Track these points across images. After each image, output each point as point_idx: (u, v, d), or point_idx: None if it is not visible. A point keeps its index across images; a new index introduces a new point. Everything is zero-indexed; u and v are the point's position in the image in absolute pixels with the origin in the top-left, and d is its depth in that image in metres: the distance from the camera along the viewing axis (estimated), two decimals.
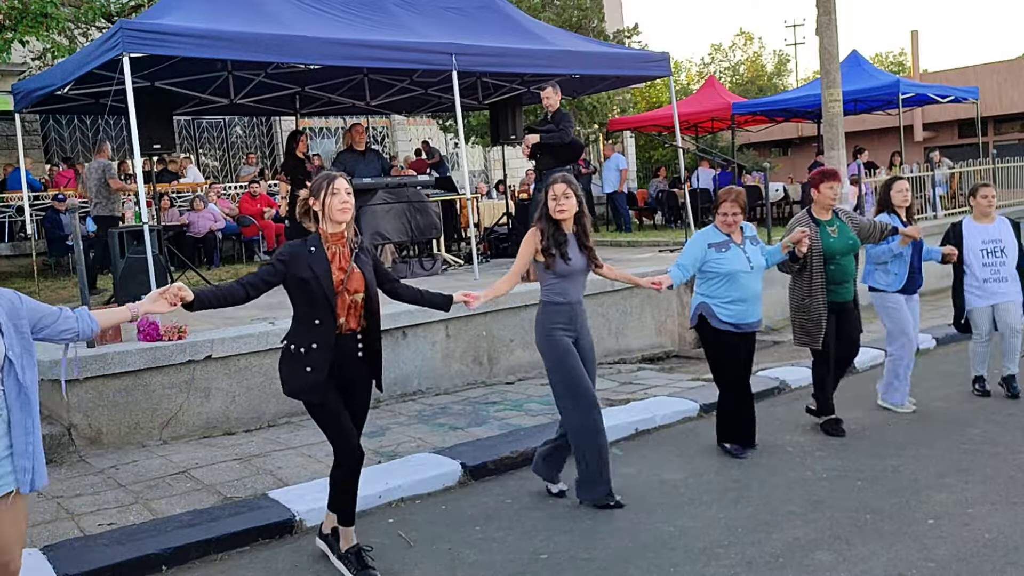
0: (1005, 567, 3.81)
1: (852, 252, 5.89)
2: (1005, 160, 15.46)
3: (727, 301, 5.42)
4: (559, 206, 4.65)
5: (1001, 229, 6.68)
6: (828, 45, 10.20)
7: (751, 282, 5.44)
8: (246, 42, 7.62)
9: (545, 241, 4.65)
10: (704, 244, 5.50)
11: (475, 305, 4.43)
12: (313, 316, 3.88)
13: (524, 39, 9.70)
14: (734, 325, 5.43)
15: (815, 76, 22.58)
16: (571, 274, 4.68)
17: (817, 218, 5.90)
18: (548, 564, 4.12)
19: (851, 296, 5.91)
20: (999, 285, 6.60)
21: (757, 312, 5.53)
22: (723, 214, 5.49)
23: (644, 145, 26.40)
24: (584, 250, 4.73)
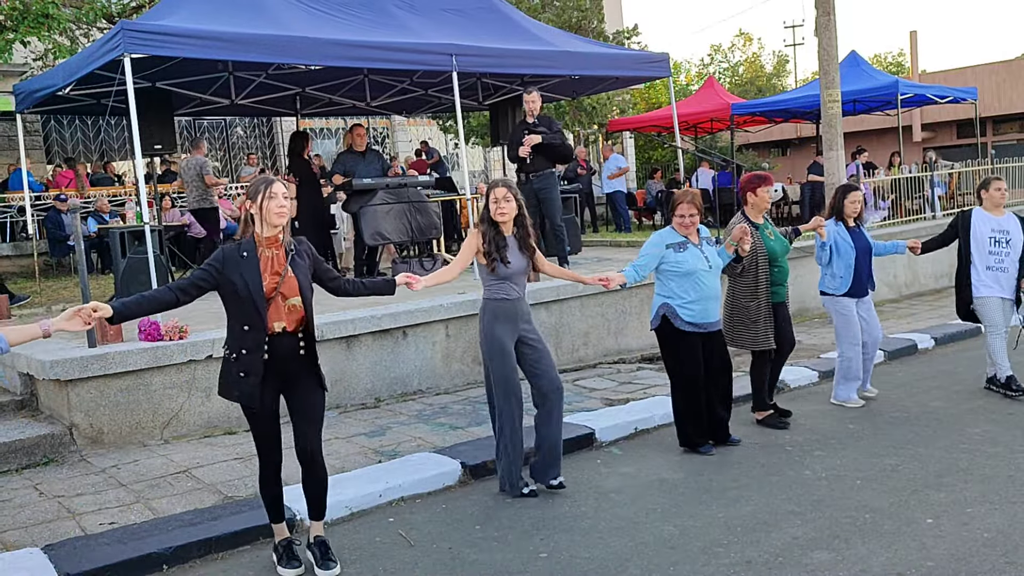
0: (1004, 567, 3.82)
1: (787, 254, 6.17)
2: (1004, 160, 15.47)
3: (689, 301, 5.50)
4: (499, 209, 4.81)
5: (1010, 222, 6.78)
6: (827, 46, 10.22)
7: (711, 281, 5.55)
8: (247, 43, 7.63)
9: (486, 245, 4.84)
10: (662, 245, 5.57)
11: (418, 287, 4.44)
12: (243, 321, 3.89)
13: (524, 40, 9.71)
14: (697, 325, 5.52)
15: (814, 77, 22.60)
16: (511, 275, 4.85)
17: (754, 222, 6.06)
18: (548, 564, 4.14)
19: (785, 296, 6.17)
20: (1000, 276, 6.66)
21: (716, 311, 5.63)
22: (680, 215, 5.55)
23: (644, 146, 26.41)
24: (525, 251, 4.91)
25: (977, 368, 7.55)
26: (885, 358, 7.98)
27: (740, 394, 7.00)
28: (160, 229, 9.18)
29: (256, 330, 3.88)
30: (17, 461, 5.68)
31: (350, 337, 6.98)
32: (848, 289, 6.47)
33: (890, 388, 6.99)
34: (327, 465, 4.22)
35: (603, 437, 6.02)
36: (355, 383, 7.04)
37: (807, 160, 19.33)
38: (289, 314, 3.94)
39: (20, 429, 5.95)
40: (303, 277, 4.00)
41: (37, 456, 5.76)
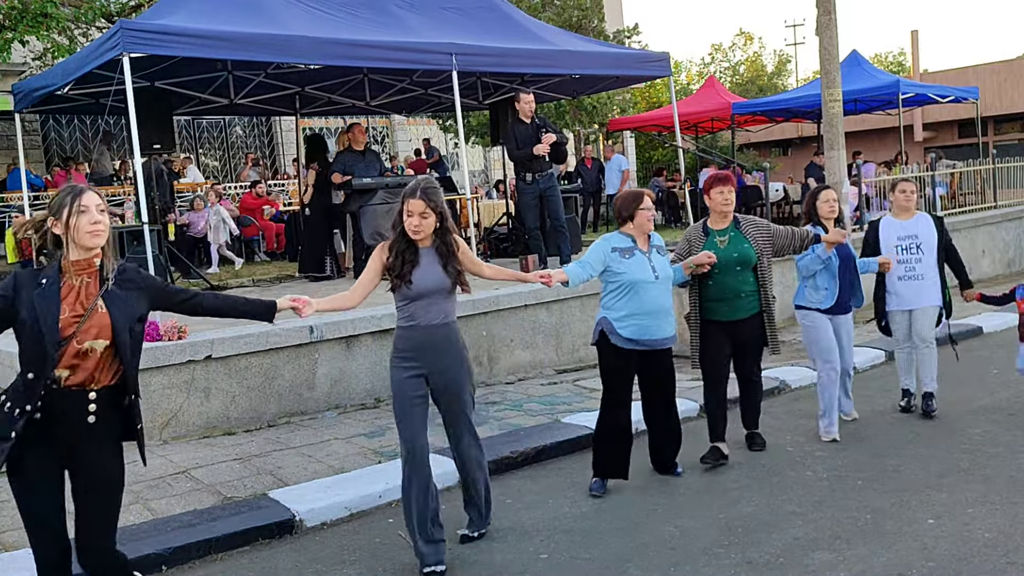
0: (1005, 567, 3.80)
1: (740, 266, 5.31)
2: (1005, 160, 15.45)
3: (628, 314, 4.89)
4: (413, 227, 4.03)
5: (919, 224, 6.23)
6: (828, 45, 10.20)
7: (657, 294, 4.91)
8: (246, 42, 7.62)
9: (392, 259, 4.08)
10: (608, 247, 4.98)
11: (307, 314, 3.78)
12: (28, 366, 3.03)
13: (524, 39, 9.70)
14: (636, 342, 4.90)
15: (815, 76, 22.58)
16: (421, 296, 4.06)
17: (710, 227, 5.45)
18: (548, 564, 4.12)
19: (745, 314, 5.36)
20: (914, 284, 6.14)
21: (667, 328, 4.98)
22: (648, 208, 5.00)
23: (644, 145, 26.41)
24: (447, 267, 4.08)
25: (978, 368, 7.54)
26: (886, 358, 7.96)
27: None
28: (159, 229, 9.16)
29: (37, 379, 3.01)
30: None
31: (350, 337, 6.97)
32: (833, 303, 5.83)
33: (891, 388, 6.97)
34: (327, 466, 4.20)
35: None
36: (355, 383, 7.03)
37: (808, 159, 19.32)
38: (90, 361, 3.05)
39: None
40: (120, 313, 3.09)
41: None
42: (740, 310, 5.35)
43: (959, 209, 14.20)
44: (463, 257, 4.18)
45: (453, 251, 4.12)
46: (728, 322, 5.36)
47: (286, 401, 6.68)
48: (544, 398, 7.09)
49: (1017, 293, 6.13)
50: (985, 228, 13.35)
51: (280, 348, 6.61)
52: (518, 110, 9.20)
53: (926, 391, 6.23)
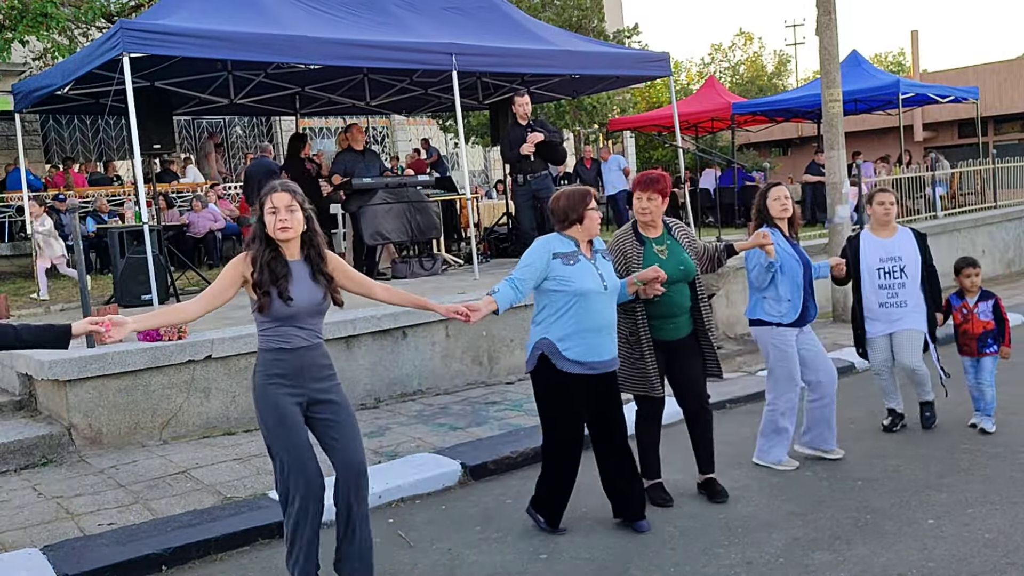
0: (1005, 567, 3.80)
1: (685, 279, 4.66)
2: (1005, 160, 15.45)
3: (573, 332, 4.18)
4: (280, 222, 3.51)
5: (902, 244, 5.70)
6: (828, 45, 10.19)
7: (605, 307, 4.25)
8: (246, 42, 7.62)
9: (258, 273, 3.53)
10: (548, 253, 4.24)
11: (115, 337, 3.32)
12: None
13: (524, 39, 9.70)
14: (584, 364, 4.20)
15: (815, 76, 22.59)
16: (294, 315, 3.57)
17: (643, 234, 4.70)
18: (548, 564, 4.12)
19: (683, 334, 4.69)
20: (897, 311, 5.68)
21: (613, 346, 4.31)
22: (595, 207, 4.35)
23: (644, 145, 26.41)
24: (321, 279, 3.63)
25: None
26: None
27: (737, 396, 6.99)
28: (159, 229, 9.17)
29: None
30: (16, 462, 5.67)
31: (350, 337, 6.96)
32: (797, 316, 5.13)
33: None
34: (328, 466, 4.19)
35: None
36: (355, 383, 7.03)
37: (808, 159, 19.33)
38: None
39: (18, 429, 5.93)
40: None
41: (36, 457, 5.74)
42: (682, 328, 4.69)
43: (959, 209, 14.20)
44: (338, 273, 3.72)
45: (323, 257, 3.66)
46: (670, 342, 4.67)
47: None
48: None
49: (951, 303, 5.95)
50: (985, 228, 13.35)
51: None
52: (514, 113, 9.23)
53: (924, 400, 5.96)
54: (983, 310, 5.85)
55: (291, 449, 3.60)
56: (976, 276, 5.88)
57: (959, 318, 5.90)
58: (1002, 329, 5.85)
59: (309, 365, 3.63)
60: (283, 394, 3.59)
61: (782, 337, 5.14)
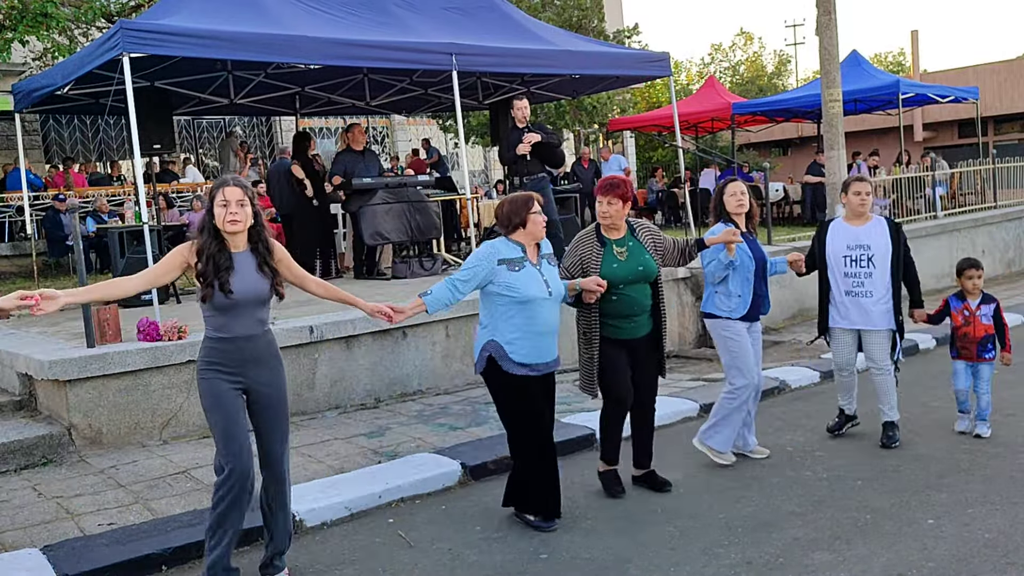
0: (1005, 567, 3.80)
1: (644, 280, 4.79)
2: (1005, 160, 15.45)
3: (520, 336, 4.33)
4: (230, 215, 3.61)
5: (873, 233, 5.54)
6: (828, 45, 10.20)
7: (550, 311, 4.42)
8: (246, 42, 7.62)
9: (203, 264, 3.64)
10: (493, 259, 4.34)
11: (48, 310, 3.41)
12: None
13: (524, 39, 9.70)
14: (530, 366, 4.37)
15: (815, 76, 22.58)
16: (236, 306, 3.68)
17: (605, 236, 4.82)
18: (548, 564, 4.12)
19: (644, 333, 4.85)
20: (863, 302, 5.51)
21: (555, 348, 4.50)
22: (540, 213, 4.43)
23: (644, 145, 26.41)
24: (265, 270, 3.74)
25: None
26: None
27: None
28: (159, 229, 9.17)
29: None
30: (16, 462, 5.67)
31: (350, 337, 6.96)
32: (746, 311, 5.24)
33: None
34: (327, 466, 4.20)
35: None
36: (355, 383, 7.03)
37: (808, 159, 19.34)
38: None
39: (18, 429, 5.93)
40: None
41: (36, 456, 5.74)
42: (642, 327, 4.83)
43: (959, 209, 14.19)
44: (282, 265, 3.83)
45: (270, 250, 3.77)
46: (629, 340, 4.82)
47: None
48: None
49: (950, 304, 5.78)
50: (985, 228, 13.36)
51: (280, 348, 6.59)
52: (513, 116, 9.23)
53: (886, 420, 5.65)
54: (986, 313, 5.69)
55: (224, 432, 3.71)
56: (979, 278, 5.72)
57: (959, 320, 5.74)
58: (1002, 334, 5.72)
59: (251, 355, 3.75)
60: (221, 380, 3.71)
61: (732, 330, 5.27)
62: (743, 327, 5.27)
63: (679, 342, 9.16)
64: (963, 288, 5.76)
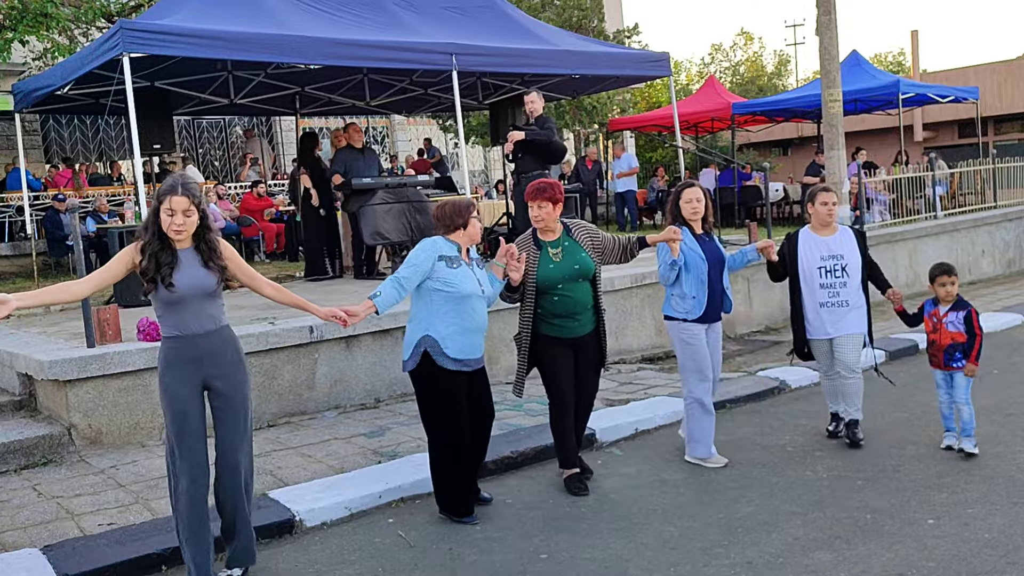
0: (1005, 567, 3.80)
1: (581, 278, 4.87)
2: (1005, 160, 15.45)
3: (456, 331, 4.45)
4: (175, 225, 3.66)
5: (843, 242, 5.54)
6: (828, 45, 10.21)
7: (482, 309, 4.60)
8: (246, 42, 7.62)
9: (145, 262, 3.68)
10: (433, 255, 4.49)
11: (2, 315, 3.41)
12: None
13: (524, 39, 9.71)
14: (463, 362, 4.50)
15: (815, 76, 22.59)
16: (183, 300, 3.70)
17: (541, 239, 4.94)
18: (548, 564, 4.12)
19: (587, 330, 4.96)
20: (839, 311, 5.49)
21: (483, 346, 4.67)
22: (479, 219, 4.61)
23: (644, 145, 26.41)
24: (213, 265, 3.77)
25: (980, 369, 7.52)
26: (887, 358, 7.96)
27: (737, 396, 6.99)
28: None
29: None
30: (16, 462, 5.67)
31: (350, 337, 6.96)
32: (702, 313, 5.24)
33: (891, 389, 6.97)
34: (327, 466, 4.20)
35: (604, 438, 6.01)
36: (355, 383, 7.03)
37: (808, 159, 19.34)
38: None
39: (19, 430, 5.93)
40: None
41: (36, 457, 5.74)
42: (586, 325, 4.95)
43: (959, 209, 14.19)
44: (232, 263, 3.87)
45: (215, 249, 3.78)
46: (574, 339, 4.92)
47: (286, 401, 6.68)
48: (544, 398, 7.07)
49: (925, 307, 5.54)
50: (985, 228, 13.36)
51: (280, 348, 6.61)
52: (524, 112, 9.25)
53: (851, 419, 5.64)
54: (952, 320, 5.34)
55: (179, 433, 3.75)
56: (952, 285, 5.38)
57: (929, 326, 5.48)
58: (972, 342, 5.31)
59: (206, 350, 3.77)
60: (179, 380, 3.74)
61: (688, 332, 5.28)
62: (700, 329, 5.27)
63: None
64: (937, 295, 5.48)
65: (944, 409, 5.49)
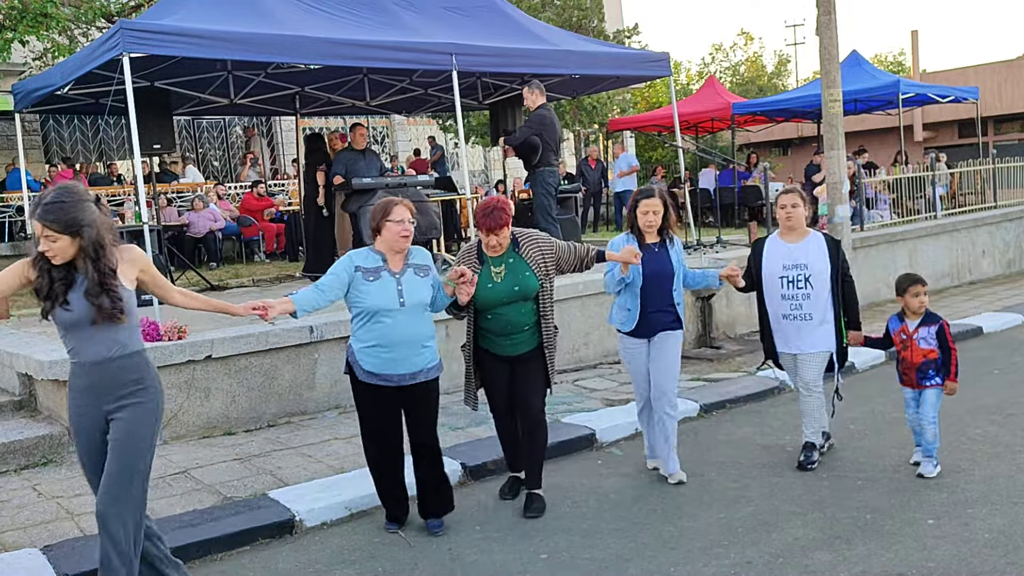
0: (1005, 567, 3.81)
1: (521, 299, 4.62)
2: (1005, 160, 15.45)
3: (373, 345, 4.29)
4: (49, 250, 3.29)
5: (810, 250, 5.13)
6: (828, 45, 10.19)
7: (405, 323, 4.27)
8: (246, 42, 7.62)
9: (38, 277, 3.34)
10: (351, 266, 4.33)
11: None
12: None
13: (524, 39, 9.70)
14: (378, 376, 4.32)
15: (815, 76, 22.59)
16: (77, 324, 3.36)
17: (485, 254, 4.69)
18: (548, 564, 4.12)
19: (525, 350, 4.71)
20: (800, 325, 5.14)
21: (418, 360, 4.34)
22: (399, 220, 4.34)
23: (644, 145, 26.40)
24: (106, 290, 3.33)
25: (979, 369, 7.54)
26: (886, 358, 7.95)
27: (737, 396, 6.99)
28: (159, 229, 9.17)
29: None
30: (16, 461, 5.67)
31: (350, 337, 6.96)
32: (635, 327, 5.01)
33: (892, 389, 6.97)
34: (327, 466, 4.20)
35: (604, 438, 6.01)
36: None
37: (808, 159, 19.33)
38: None
39: (19, 429, 5.94)
40: None
41: (36, 456, 5.75)
42: (521, 345, 4.72)
43: (959, 209, 14.19)
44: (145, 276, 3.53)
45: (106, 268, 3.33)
46: (508, 357, 4.75)
47: (286, 401, 6.68)
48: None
49: (890, 325, 5.23)
50: (985, 228, 13.35)
51: (280, 348, 6.62)
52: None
53: (807, 441, 5.28)
54: (924, 336, 5.02)
55: (84, 466, 3.55)
56: (924, 295, 5.05)
57: (898, 344, 5.14)
58: (948, 359, 5.02)
59: (107, 380, 3.40)
60: (82, 409, 3.45)
61: (623, 343, 5.18)
62: (635, 343, 5.08)
63: None
64: (907, 307, 5.10)
65: (914, 426, 5.20)
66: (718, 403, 6.81)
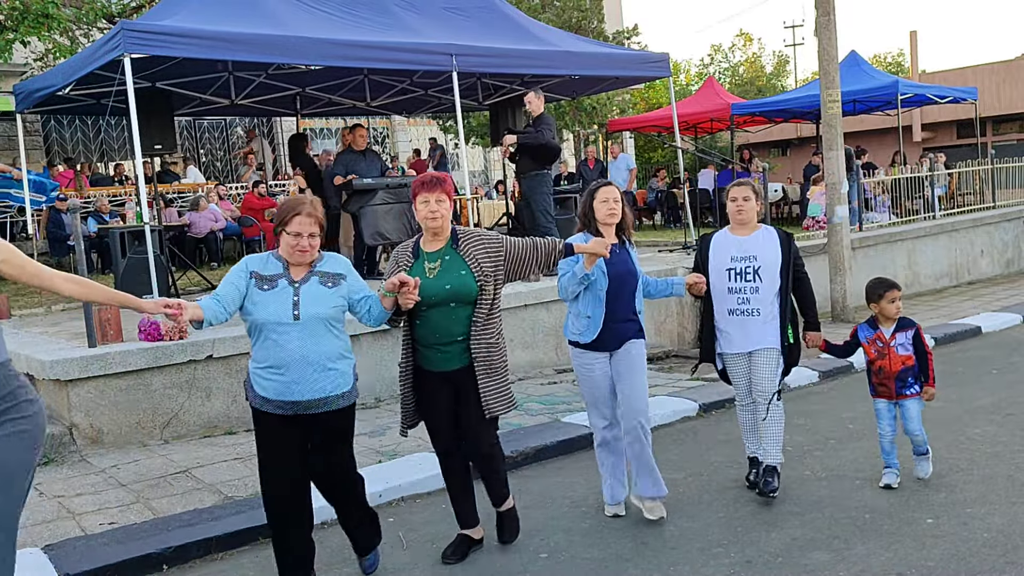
0: (1004, 567, 3.82)
1: (453, 302, 3.95)
2: (1004, 160, 15.47)
3: (263, 367, 3.64)
4: None
5: (760, 243, 4.74)
6: (827, 46, 10.21)
7: (300, 340, 3.59)
8: (247, 43, 7.64)
9: None
10: (245, 272, 3.70)
11: None
12: None
13: (524, 40, 9.72)
14: (272, 403, 3.64)
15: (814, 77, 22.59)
16: None
17: (421, 248, 4.10)
18: (548, 564, 4.14)
19: (458, 365, 4.01)
20: (746, 321, 4.68)
21: (323, 384, 3.64)
22: (295, 234, 3.64)
23: (644, 146, 26.43)
24: None
25: (978, 368, 7.55)
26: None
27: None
28: (160, 229, 9.19)
29: None
30: None
31: (350, 337, 6.97)
32: (595, 337, 4.39)
33: None
34: None
35: None
36: None
37: (807, 160, 19.34)
38: None
39: None
40: None
41: None
42: (453, 359, 4.01)
43: (958, 209, 14.21)
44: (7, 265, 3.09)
45: None
46: (446, 372, 4.02)
47: None
48: (544, 398, 7.10)
49: (859, 334, 4.97)
50: (983, 228, 13.37)
51: None
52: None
53: (768, 464, 4.72)
54: (902, 342, 4.81)
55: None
56: (900, 299, 4.85)
57: (872, 353, 4.89)
58: (925, 364, 4.82)
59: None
60: None
61: (580, 359, 4.50)
62: (594, 357, 4.44)
63: (678, 341, 9.18)
64: (882, 313, 4.87)
65: (884, 444, 4.89)
66: (717, 403, 6.83)
